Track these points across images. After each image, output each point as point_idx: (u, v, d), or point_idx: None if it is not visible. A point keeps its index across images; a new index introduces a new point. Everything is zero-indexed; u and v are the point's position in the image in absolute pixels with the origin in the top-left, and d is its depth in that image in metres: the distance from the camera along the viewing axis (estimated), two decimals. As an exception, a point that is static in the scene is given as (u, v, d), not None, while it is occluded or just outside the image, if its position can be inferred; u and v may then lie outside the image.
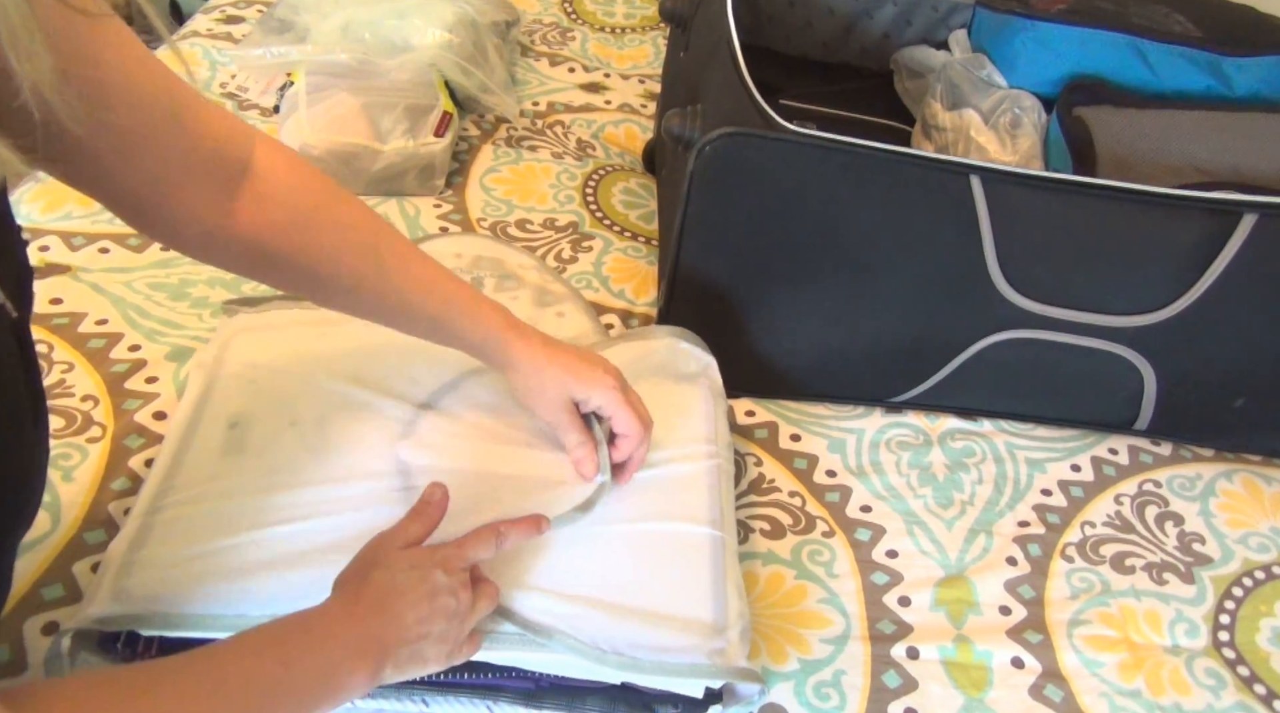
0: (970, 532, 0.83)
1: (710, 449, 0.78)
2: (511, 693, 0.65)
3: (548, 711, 0.65)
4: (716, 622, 0.66)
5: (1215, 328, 0.84)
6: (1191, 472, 0.92)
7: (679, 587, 0.68)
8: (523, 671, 0.65)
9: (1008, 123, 1.06)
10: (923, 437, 0.91)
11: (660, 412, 0.75)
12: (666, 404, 0.78)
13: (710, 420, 0.80)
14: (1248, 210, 0.78)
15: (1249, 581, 0.83)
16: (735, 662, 0.64)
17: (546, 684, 0.65)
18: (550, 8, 1.49)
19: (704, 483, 0.75)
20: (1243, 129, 1.01)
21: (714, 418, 0.81)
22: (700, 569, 0.69)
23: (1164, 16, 1.10)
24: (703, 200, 0.82)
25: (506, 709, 0.65)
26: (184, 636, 0.61)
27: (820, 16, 1.29)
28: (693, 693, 0.65)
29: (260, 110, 1.19)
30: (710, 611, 0.67)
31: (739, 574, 0.71)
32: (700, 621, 0.66)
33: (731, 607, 0.67)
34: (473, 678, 0.64)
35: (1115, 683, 0.74)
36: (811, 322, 0.89)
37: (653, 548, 0.70)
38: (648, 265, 1.06)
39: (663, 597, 0.67)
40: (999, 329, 0.86)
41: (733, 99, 0.83)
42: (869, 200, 0.80)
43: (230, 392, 0.76)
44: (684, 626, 0.65)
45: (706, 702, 0.65)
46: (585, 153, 1.20)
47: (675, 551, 0.70)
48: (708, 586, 0.68)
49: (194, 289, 0.93)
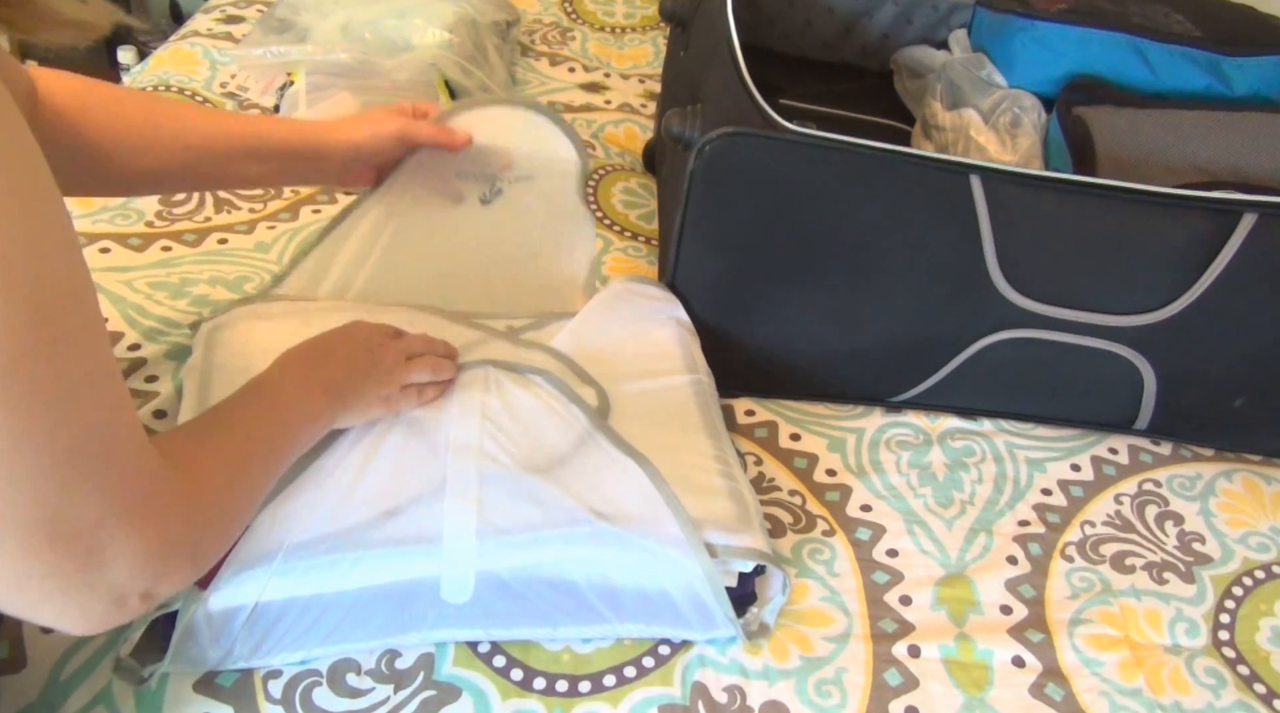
0: (970, 531, 0.84)
1: (692, 375, 0.84)
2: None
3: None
4: (742, 514, 0.71)
5: (1215, 328, 0.84)
6: (1191, 471, 0.92)
7: (701, 494, 0.72)
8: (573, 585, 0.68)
9: (1008, 123, 1.07)
10: (923, 436, 0.91)
11: (633, 343, 0.84)
12: (639, 338, 0.86)
13: (685, 346, 0.86)
14: (1248, 210, 0.78)
15: (1249, 580, 0.83)
16: (768, 549, 0.70)
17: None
18: (550, 8, 1.49)
19: (691, 398, 0.81)
20: (1243, 129, 1.01)
21: (688, 344, 0.86)
22: (711, 472, 0.74)
23: (1164, 16, 1.10)
24: (703, 200, 0.82)
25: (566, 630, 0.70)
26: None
27: (820, 16, 1.29)
28: (727, 582, 0.69)
29: (260, 110, 1.19)
30: (734, 509, 0.71)
31: (744, 472, 0.77)
32: (729, 515, 0.71)
33: (749, 503, 0.73)
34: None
35: (1115, 682, 0.74)
36: (811, 321, 0.89)
37: (665, 458, 0.74)
38: (648, 265, 1.06)
39: (687, 499, 0.71)
40: (999, 329, 0.86)
41: (733, 99, 0.83)
42: (869, 200, 0.80)
43: (226, 384, 0.76)
44: (718, 523, 0.70)
45: (741, 604, 0.70)
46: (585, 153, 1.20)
47: (683, 451, 0.75)
48: (723, 483, 0.73)
49: (194, 288, 0.93)
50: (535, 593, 0.67)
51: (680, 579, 0.68)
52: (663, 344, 0.86)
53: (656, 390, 0.81)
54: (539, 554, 0.67)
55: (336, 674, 0.67)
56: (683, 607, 0.69)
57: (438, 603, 0.66)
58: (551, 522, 0.67)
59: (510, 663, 0.69)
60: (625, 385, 0.80)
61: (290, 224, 1.03)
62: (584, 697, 0.68)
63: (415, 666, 0.68)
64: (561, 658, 0.70)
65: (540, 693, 0.67)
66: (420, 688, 0.66)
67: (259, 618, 0.64)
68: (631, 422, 0.76)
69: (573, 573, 0.67)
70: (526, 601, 0.67)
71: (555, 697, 0.67)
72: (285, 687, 0.66)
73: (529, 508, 0.68)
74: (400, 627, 0.67)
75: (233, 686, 0.65)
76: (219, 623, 0.63)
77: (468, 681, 0.67)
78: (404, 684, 0.66)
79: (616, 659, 0.70)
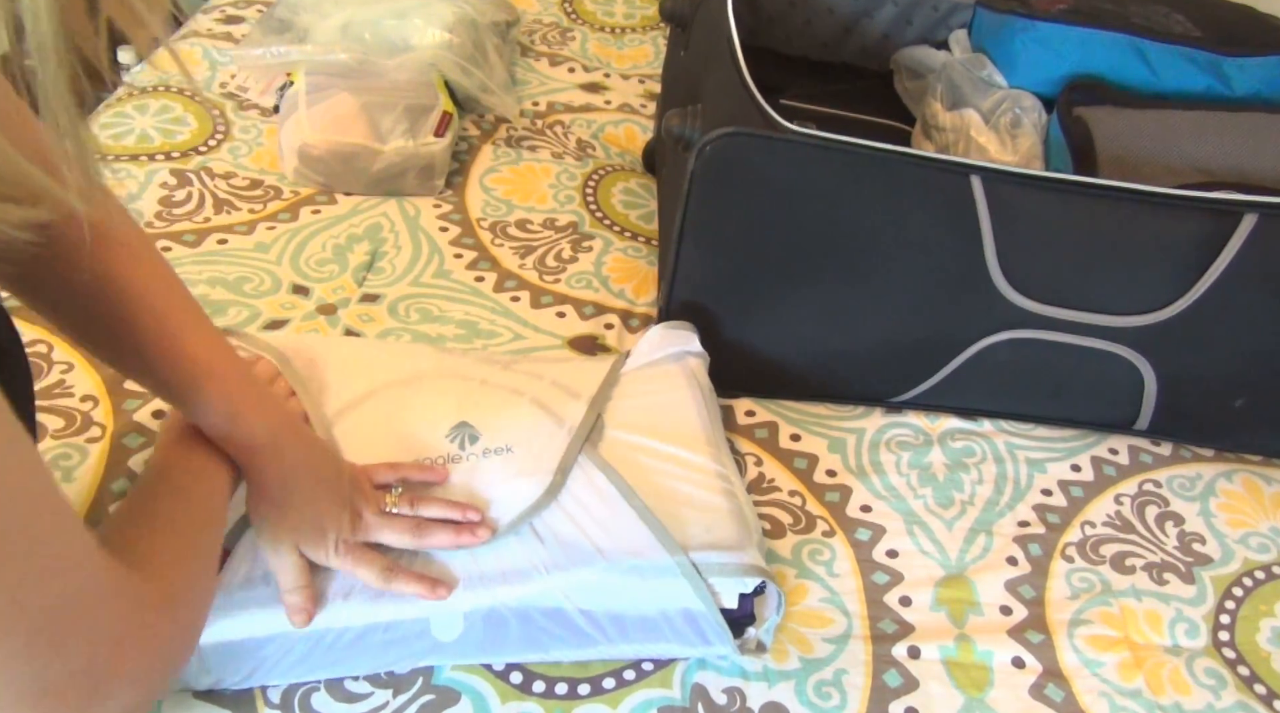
0: (970, 532, 0.83)
1: (690, 382, 0.82)
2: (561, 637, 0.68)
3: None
4: (742, 532, 0.71)
5: (1215, 328, 0.84)
6: (1191, 472, 0.92)
7: (700, 506, 0.72)
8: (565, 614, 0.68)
9: (1008, 123, 1.06)
10: (923, 437, 0.91)
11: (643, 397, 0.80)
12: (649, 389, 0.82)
13: (684, 363, 0.84)
14: (1248, 210, 0.78)
15: (1249, 581, 0.83)
16: (766, 568, 0.70)
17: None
18: (550, 8, 1.49)
19: (690, 409, 0.80)
20: (1243, 129, 1.01)
21: (688, 364, 0.84)
22: (713, 489, 0.73)
23: (1164, 16, 1.10)
24: (703, 200, 0.82)
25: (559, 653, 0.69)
26: None
27: (820, 16, 1.29)
28: (728, 604, 0.69)
29: (260, 110, 1.19)
30: (733, 525, 0.71)
31: (743, 483, 0.77)
32: (729, 534, 0.70)
33: (749, 519, 0.73)
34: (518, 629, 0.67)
35: (1116, 683, 0.74)
36: (811, 322, 0.88)
37: (665, 472, 0.73)
38: (648, 265, 1.06)
39: (689, 516, 0.71)
40: (999, 329, 0.86)
41: (733, 99, 0.83)
42: (869, 200, 0.80)
43: None
44: (718, 543, 0.69)
45: (740, 626, 0.70)
46: (585, 153, 1.20)
47: (684, 471, 0.74)
48: (723, 501, 0.73)
49: (194, 289, 0.93)
50: (527, 622, 0.67)
51: (676, 602, 0.67)
52: (662, 364, 0.84)
53: (655, 403, 0.80)
54: (529, 589, 0.66)
55: (335, 680, 0.67)
56: (677, 628, 0.68)
57: (428, 637, 0.66)
58: (542, 562, 0.67)
59: (509, 666, 0.69)
60: (622, 400, 0.79)
61: (290, 224, 1.03)
62: (583, 699, 0.68)
63: (414, 670, 0.68)
64: (561, 662, 0.70)
65: (539, 696, 0.67)
66: (419, 693, 0.66)
67: (248, 651, 0.64)
68: (629, 435, 0.75)
69: (564, 602, 0.67)
70: (519, 630, 0.67)
71: (555, 700, 0.67)
72: (284, 693, 0.66)
73: (518, 547, 0.68)
74: (390, 660, 0.67)
75: (232, 693, 0.65)
76: (208, 656, 0.63)
77: (467, 684, 0.67)
78: (403, 689, 0.66)
79: (616, 663, 0.70)
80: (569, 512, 0.70)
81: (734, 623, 0.69)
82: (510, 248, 1.05)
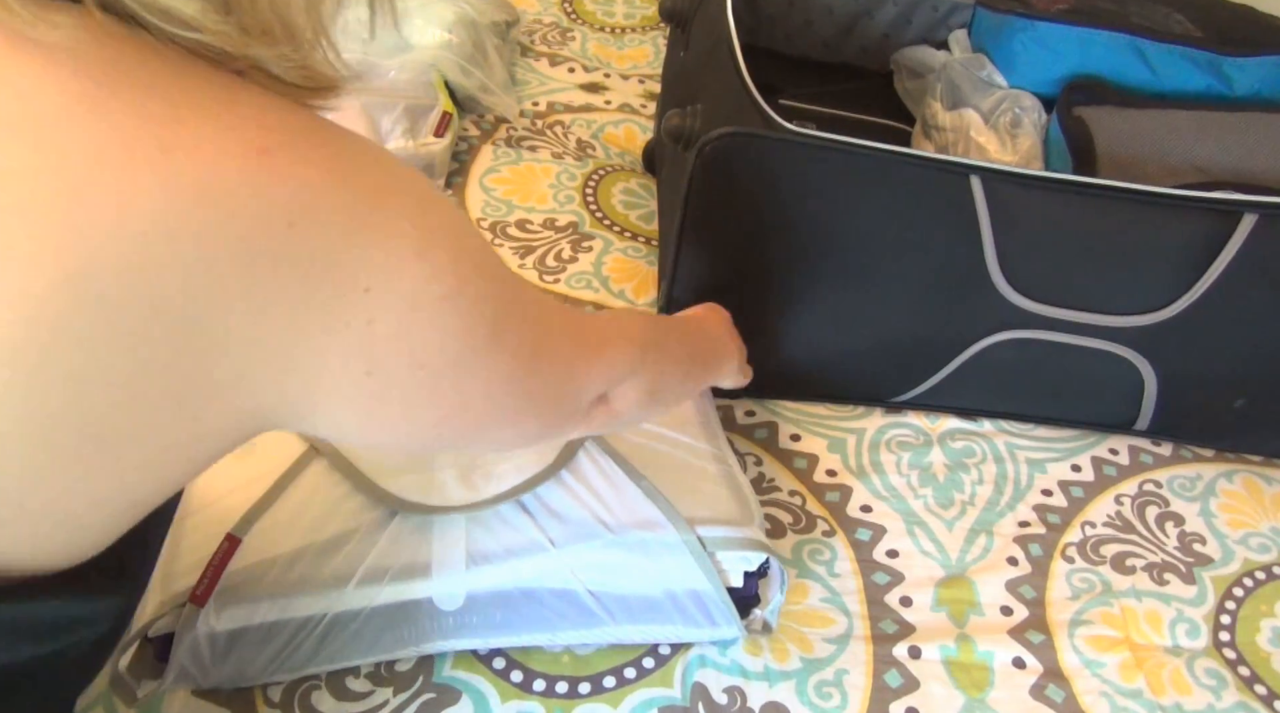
0: (971, 532, 0.83)
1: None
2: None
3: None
4: (742, 508, 0.72)
5: (1215, 328, 0.84)
6: (1192, 472, 0.92)
7: (701, 490, 0.73)
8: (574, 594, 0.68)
9: (1008, 123, 1.06)
10: (923, 437, 0.91)
11: None
12: None
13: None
14: (1248, 210, 0.78)
15: (1249, 581, 0.83)
16: (769, 543, 0.71)
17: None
18: (550, 8, 1.49)
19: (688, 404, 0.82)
20: (1243, 129, 1.00)
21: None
22: (710, 470, 0.75)
23: (1164, 16, 1.10)
24: (703, 200, 0.82)
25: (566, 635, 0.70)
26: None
27: (820, 16, 1.29)
28: (734, 583, 0.70)
29: (260, 110, 1.18)
30: (734, 504, 0.73)
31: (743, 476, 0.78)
32: (730, 510, 0.72)
33: (749, 497, 0.74)
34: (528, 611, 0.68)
35: (1116, 683, 0.74)
36: (811, 322, 0.88)
37: (666, 454, 0.75)
38: (648, 265, 1.06)
39: (691, 493, 0.72)
40: (999, 329, 0.86)
41: (733, 99, 0.82)
42: (869, 200, 0.80)
43: None
44: (720, 518, 0.71)
45: (745, 606, 0.71)
46: (585, 153, 1.20)
47: (684, 454, 0.76)
48: (723, 480, 0.75)
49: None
50: (536, 602, 0.67)
51: (683, 582, 0.68)
52: None
53: None
54: (537, 564, 0.67)
55: (335, 678, 0.67)
56: (684, 608, 0.69)
57: (437, 616, 0.66)
58: (548, 538, 0.68)
59: (510, 665, 0.69)
60: None
61: (290, 225, 1.03)
62: (584, 698, 0.68)
63: (414, 668, 0.68)
64: (561, 660, 0.70)
65: (540, 695, 0.67)
66: (420, 691, 0.66)
67: (266, 637, 0.64)
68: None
69: (572, 581, 0.67)
70: (527, 610, 0.67)
71: (555, 698, 0.67)
72: (284, 691, 0.66)
73: (525, 524, 0.68)
74: (402, 642, 0.67)
75: (232, 690, 0.65)
76: (224, 642, 0.63)
77: (467, 683, 0.67)
78: (403, 688, 0.66)
79: (616, 661, 0.70)
80: (574, 491, 0.70)
81: (740, 604, 0.70)
82: (510, 248, 1.05)
